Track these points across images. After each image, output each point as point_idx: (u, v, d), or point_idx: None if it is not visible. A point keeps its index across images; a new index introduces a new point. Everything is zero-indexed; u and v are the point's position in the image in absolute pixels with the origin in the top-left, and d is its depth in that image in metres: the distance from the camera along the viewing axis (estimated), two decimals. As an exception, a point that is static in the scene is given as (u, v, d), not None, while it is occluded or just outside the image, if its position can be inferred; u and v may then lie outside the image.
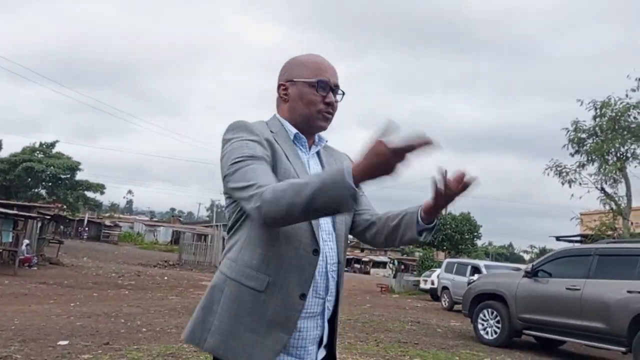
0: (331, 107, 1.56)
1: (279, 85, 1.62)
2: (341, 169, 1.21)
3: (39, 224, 20.50)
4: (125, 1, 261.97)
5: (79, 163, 36.89)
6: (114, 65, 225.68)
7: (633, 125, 14.53)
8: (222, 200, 1.61)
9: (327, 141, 1.66)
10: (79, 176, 37.49)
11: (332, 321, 1.54)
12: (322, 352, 1.53)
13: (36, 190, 37.09)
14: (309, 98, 1.54)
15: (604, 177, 14.79)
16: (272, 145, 1.46)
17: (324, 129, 1.59)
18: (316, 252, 1.44)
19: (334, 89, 1.57)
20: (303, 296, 1.42)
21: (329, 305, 1.50)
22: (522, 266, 12.62)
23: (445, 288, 17.51)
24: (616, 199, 14.86)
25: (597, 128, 15.04)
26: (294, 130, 1.57)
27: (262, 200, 1.27)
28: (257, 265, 1.43)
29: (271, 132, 1.52)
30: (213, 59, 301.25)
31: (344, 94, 1.61)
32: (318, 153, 1.65)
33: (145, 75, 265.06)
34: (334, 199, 1.21)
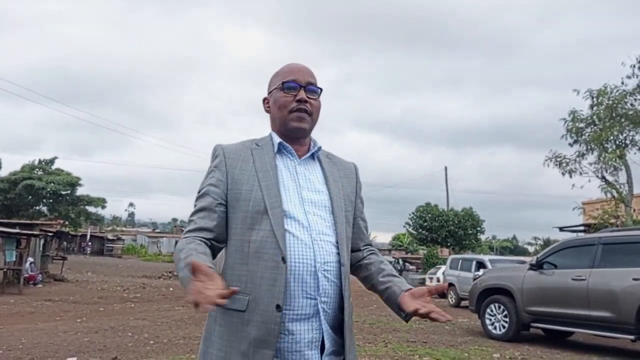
0: (304, 104, 1.58)
1: (263, 101, 1.69)
2: (188, 263, 1.27)
3: (42, 242, 20.47)
4: (114, 20, 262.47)
5: (79, 178, 36.86)
6: (107, 81, 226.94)
7: (630, 112, 14.54)
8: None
9: (320, 146, 1.67)
10: (80, 191, 37.48)
11: (339, 328, 1.50)
12: None
13: (37, 207, 37.05)
14: (280, 101, 1.60)
15: (604, 166, 14.79)
16: (233, 169, 1.56)
17: (302, 129, 1.60)
18: (284, 260, 1.43)
19: (305, 86, 1.60)
20: (278, 307, 1.41)
21: (324, 307, 1.46)
22: (527, 259, 12.60)
23: (451, 285, 17.47)
24: (617, 186, 14.87)
25: (594, 117, 15.06)
26: (277, 140, 1.61)
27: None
28: (236, 287, 1.46)
29: (257, 145, 1.62)
30: (203, 69, 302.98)
31: (321, 90, 1.64)
32: (319, 159, 1.66)
33: (138, 89, 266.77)
34: (182, 281, 1.33)
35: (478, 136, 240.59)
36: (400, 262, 33.55)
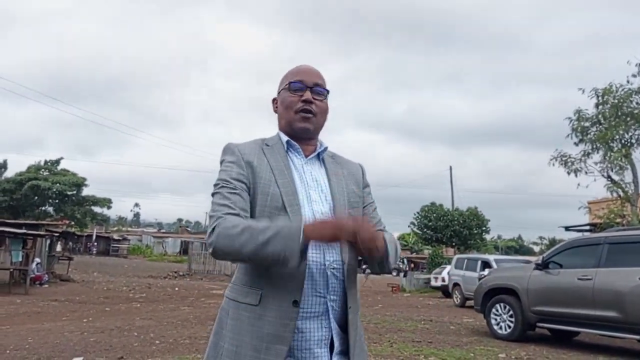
0: (309, 104, 1.60)
1: (272, 101, 1.71)
2: (298, 226, 1.34)
3: (48, 242, 20.58)
4: (115, 19, 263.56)
5: (84, 179, 37.06)
6: (110, 81, 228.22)
7: (636, 111, 14.46)
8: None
9: (327, 147, 1.69)
10: (85, 192, 37.72)
11: (346, 326, 1.51)
12: None
13: (43, 208, 37.26)
14: (287, 102, 1.62)
15: (609, 165, 14.74)
16: (251, 163, 1.56)
17: (307, 129, 1.61)
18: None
19: (312, 87, 1.61)
20: (295, 303, 1.42)
21: (333, 305, 1.48)
22: (533, 259, 12.56)
23: (456, 284, 17.44)
24: (623, 186, 14.80)
25: (599, 116, 14.99)
26: (285, 139, 1.63)
27: (217, 236, 1.39)
28: (250, 281, 1.49)
29: (267, 145, 1.63)
30: (204, 68, 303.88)
31: (328, 92, 1.65)
32: (323, 160, 1.67)
33: (140, 88, 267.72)
34: (283, 250, 1.32)
35: (481, 134, 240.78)
36: (405, 262, 33.49)
